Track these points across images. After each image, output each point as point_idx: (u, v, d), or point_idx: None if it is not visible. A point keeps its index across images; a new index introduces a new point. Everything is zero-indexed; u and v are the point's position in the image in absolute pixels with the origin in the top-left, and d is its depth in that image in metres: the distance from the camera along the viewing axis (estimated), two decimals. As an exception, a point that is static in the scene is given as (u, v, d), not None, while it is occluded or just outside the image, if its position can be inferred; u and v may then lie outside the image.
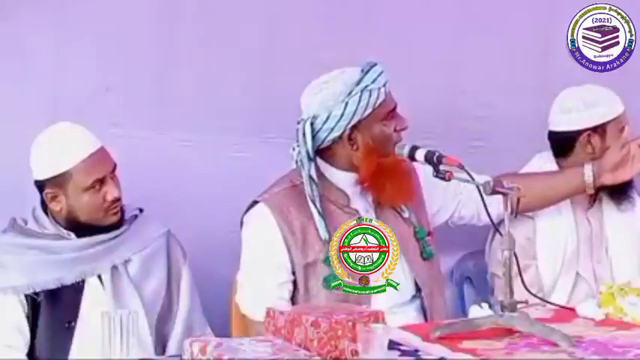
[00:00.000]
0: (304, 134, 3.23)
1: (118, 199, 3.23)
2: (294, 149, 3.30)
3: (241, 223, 3.34)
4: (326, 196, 3.27)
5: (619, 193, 3.61)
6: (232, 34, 3.82)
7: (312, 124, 3.23)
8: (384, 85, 3.23)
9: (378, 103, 3.22)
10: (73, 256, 3.21)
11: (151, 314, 3.23)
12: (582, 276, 3.58)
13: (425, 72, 3.92)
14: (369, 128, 3.24)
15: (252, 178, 3.43)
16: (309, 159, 3.24)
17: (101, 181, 3.20)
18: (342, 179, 3.30)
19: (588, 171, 3.45)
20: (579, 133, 3.57)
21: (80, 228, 3.23)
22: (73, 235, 3.24)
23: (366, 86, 3.20)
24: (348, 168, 3.29)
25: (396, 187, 3.26)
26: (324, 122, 3.22)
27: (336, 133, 3.23)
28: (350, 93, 3.20)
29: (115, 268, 3.23)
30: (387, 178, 3.25)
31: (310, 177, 3.23)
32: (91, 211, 3.21)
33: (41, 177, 3.22)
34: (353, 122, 3.22)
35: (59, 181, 3.19)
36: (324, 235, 3.21)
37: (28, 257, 3.20)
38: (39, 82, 3.66)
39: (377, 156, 3.24)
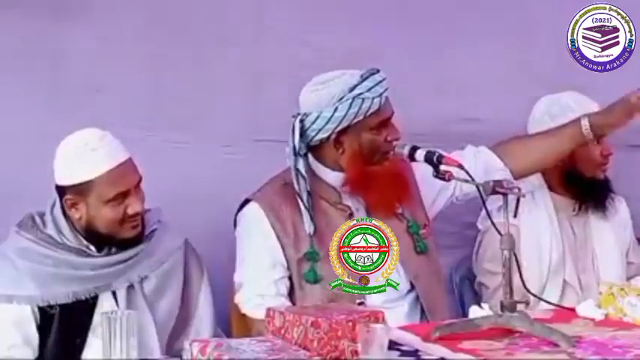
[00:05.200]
0: (293, 130, 3.23)
1: (138, 214, 3.14)
2: (289, 146, 3.29)
3: (235, 222, 3.35)
4: (317, 193, 3.29)
5: (602, 202, 3.62)
6: (225, 35, 3.82)
7: (302, 121, 3.24)
8: (381, 95, 3.22)
9: (371, 112, 3.21)
10: (91, 274, 3.13)
11: (163, 334, 3.17)
12: (569, 283, 3.59)
13: (413, 73, 3.92)
14: (358, 135, 3.24)
15: (245, 179, 3.43)
16: (296, 154, 3.24)
17: (124, 194, 3.10)
18: (332, 177, 3.31)
19: (585, 121, 3.38)
20: None
21: (99, 239, 3.15)
22: (93, 248, 3.16)
23: (360, 94, 3.19)
24: (336, 168, 3.30)
25: (379, 196, 3.27)
26: (313, 122, 3.23)
27: (323, 135, 3.24)
28: (342, 98, 3.20)
29: (130, 286, 3.16)
30: (372, 187, 3.26)
31: (297, 170, 3.24)
32: (110, 224, 3.11)
33: (63, 182, 3.12)
34: (341, 127, 3.22)
35: (81, 190, 3.09)
36: (308, 228, 3.22)
37: (46, 268, 3.11)
38: (32, 82, 3.66)
39: (363, 163, 3.25)
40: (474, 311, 2.99)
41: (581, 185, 3.64)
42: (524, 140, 3.51)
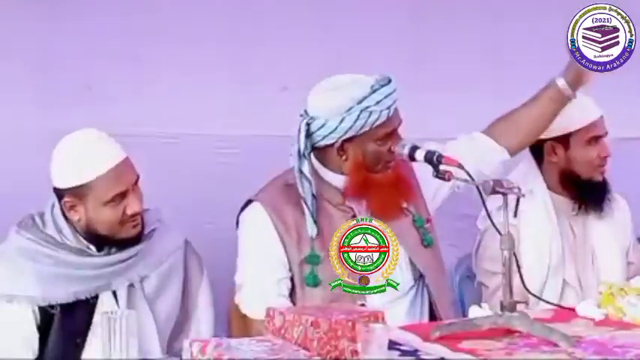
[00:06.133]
0: (299, 131, 3.23)
1: (138, 213, 3.14)
2: (293, 145, 3.29)
3: (237, 222, 3.35)
4: (320, 194, 3.29)
5: (600, 204, 3.63)
6: (217, 29, 3.82)
7: (308, 124, 3.23)
8: (389, 107, 3.19)
9: (378, 124, 3.20)
10: (92, 274, 3.14)
11: (163, 333, 3.17)
12: (569, 283, 3.59)
13: (412, 72, 3.92)
14: (362, 145, 3.23)
15: (239, 175, 3.44)
16: (300, 155, 3.23)
17: (123, 195, 3.09)
18: (335, 179, 3.31)
19: (560, 81, 3.39)
20: (544, 142, 3.58)
21: (99, 239, 3.15)
22: (93, 248, 3.16)
23: (367, 107, 3.17)
24: (340, 172, 3.30)
25: (381, 202, 3.27)
26: (319, 128, 3.22)
27: (328, 142, 3.23)
28: (350, 109, 3.18)
29: (131, 285, 3.16)
30: (373, 194, 3.26)
31: (301, 172, 3.23)
32: (110, 225, 3.11)
33: (61, 185, 3.12)
34: (346, 137, 3.21)
35: (79, 192, 3.09)
36: (310, 231, 3.23)
37: (47, 268, 3.11)
38: (22, 80, 3.65)
39: (365, 171, 3.25)
40: (474, 311, 2.99)
41: (580, 187, 3.64)
42: (510, 116, 3.49)
